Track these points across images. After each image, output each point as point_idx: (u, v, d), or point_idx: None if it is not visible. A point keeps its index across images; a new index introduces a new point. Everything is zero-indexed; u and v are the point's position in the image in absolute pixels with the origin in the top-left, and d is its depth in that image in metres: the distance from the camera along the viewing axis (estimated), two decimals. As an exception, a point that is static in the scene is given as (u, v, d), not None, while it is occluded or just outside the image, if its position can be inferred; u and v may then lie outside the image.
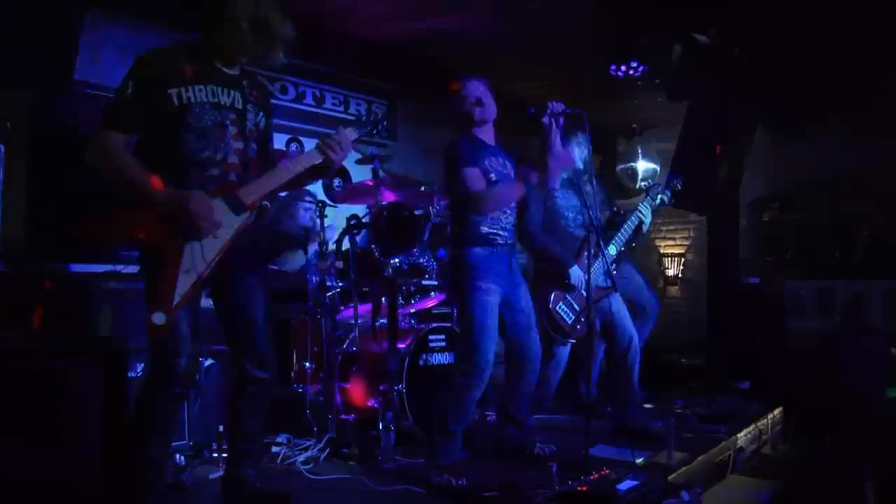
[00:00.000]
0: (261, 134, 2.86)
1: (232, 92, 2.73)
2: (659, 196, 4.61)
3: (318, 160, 2.79)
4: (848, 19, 5.44)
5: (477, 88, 3.58)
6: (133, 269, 3.66)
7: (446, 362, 4.29)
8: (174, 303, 2.50)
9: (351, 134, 2.87)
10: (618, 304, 4.33)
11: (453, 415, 3.44)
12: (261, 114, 2.86)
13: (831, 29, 5.61)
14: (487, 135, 3.65)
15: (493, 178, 3.53)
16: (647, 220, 4.44)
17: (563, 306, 4.05)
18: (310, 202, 4.85)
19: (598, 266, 4.09)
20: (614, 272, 4.15)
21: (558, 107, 3.47)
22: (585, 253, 4.03)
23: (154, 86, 2.57)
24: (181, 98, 2.59)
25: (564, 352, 4.23)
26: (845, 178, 7.41)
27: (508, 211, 3.62)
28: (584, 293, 3.90)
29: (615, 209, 4.60)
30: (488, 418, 4.30)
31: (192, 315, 2.64)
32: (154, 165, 2.55)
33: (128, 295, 3.63)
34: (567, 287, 4.04)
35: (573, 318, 4.06)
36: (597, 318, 4.32)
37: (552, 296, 4.05)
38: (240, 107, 2.74)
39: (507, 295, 3.60)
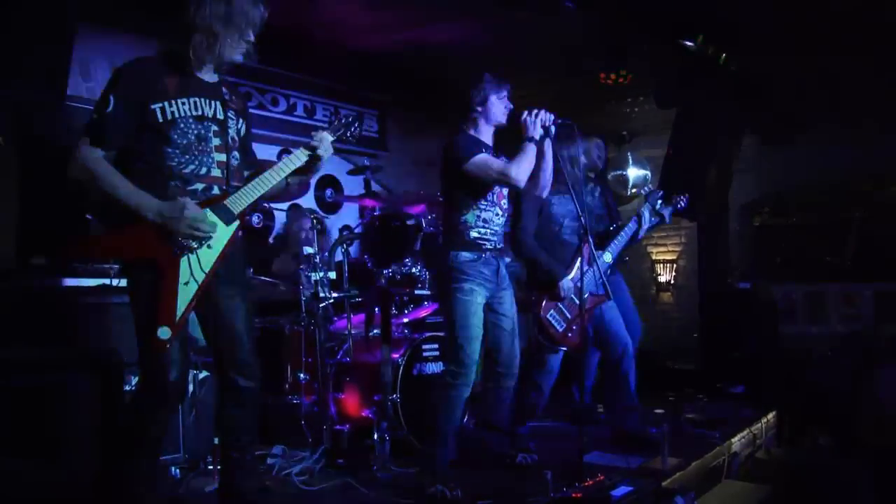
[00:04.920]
0: (241, 141, 2.85)
1: (213, 102, 2.72)
2: (659, 205, 4.60)
3: (301, 162, 2.81)
4: (836, 25, 5.49)
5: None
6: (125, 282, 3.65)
7: (440, 371, 4.30)
8: (178, 316, 2.50)
9: (327, 136, 2.90)
10: (611, 313, 4.33)
11: (443, 417, 3.45)
12: (241, 121, 2.85)
13: (819, 34, 5.66)
14: (486, 136, 3.67)
15: None
16: (645, 226, 4.44)
17: (554, 314, 4.06)
18: (306, 217, 4.84)
19: (591, 274, 4.10)
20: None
21: (548, 116, 3.49)
22: (579, 262, 4.03)
23: (137, 100, 2.55)
24: (165, 114, 2.58)
25: (556, 359, 4.23)
26: (835, 182, 7.45)
27: (500, 212, 3.64)
28: (577, 301, 3.90)
29: (615, 224, 4.57)
30: (468, 426, 4.29)
31: (182, 331, 2.61)
32: (135, 179, 2.54)
33: (120, 308, 3.63)
34: (558, 297, 4.05)
35: (564, 325, 4.06)
36: (589, 326, 4.34)
37: (543, 303, 4.06)
38: (221, 117, 2.73)
39: (492, 299, 3.62)
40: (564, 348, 4.13)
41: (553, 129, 3.51)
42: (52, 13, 3.69)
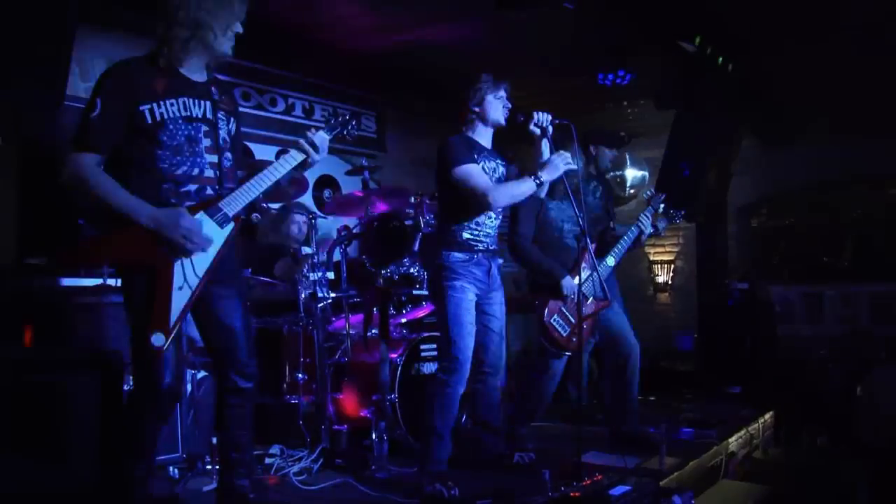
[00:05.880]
0: (233, 141, 2.83)
1: (202, 102, 2.69)
2: (661, 210, 4.57)
3: (296, 161, 2.78)
4: (834, 26, 5.50)
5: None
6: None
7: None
8: (172, 322, 2.49)
9: (323, 136, 2.85)
10: (617, 316, 4.31)
11: (439, 414, 3.45)
12: (232, 120, 2.82)
13: (818, 35, 5.67)
14: (485, 137, 3.67)
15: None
16: (647, 231, 4.42)
17: (559, 318, 4.04)
18: (299, 212, 4.86)
19: (592, 278, 4.07)
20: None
21: (546, 117, 3.49)
22: (583, 265, 4.02)
23: (124, 103, 2.53)
24: (154, 115, 2.56)
25: (560, 364, 4.20)
26: (833, 184, 7.47)
27: (493, 215, 3.64)
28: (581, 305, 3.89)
29: (611, 225, 4.57)
30: (466, 426, 4.29)
31: (176, 333, 2.60)
32: (127, 183, 2.52)
33: (119, 308, 3.62)
34: (561, 298, 4.03)
35: (569, 330, 4.04)
36: (597, 330, 4.33)
37: (547, 308, 4.04)
38: (211, 117, 2.70)
39: (481, 299, 3.64)
40: (568, 353, 4.11)
41: (550, 129, 3.51)
42: (52, 13, 3.69)
